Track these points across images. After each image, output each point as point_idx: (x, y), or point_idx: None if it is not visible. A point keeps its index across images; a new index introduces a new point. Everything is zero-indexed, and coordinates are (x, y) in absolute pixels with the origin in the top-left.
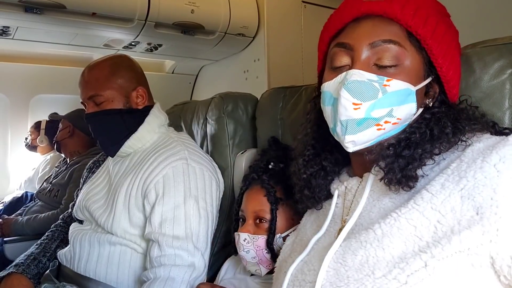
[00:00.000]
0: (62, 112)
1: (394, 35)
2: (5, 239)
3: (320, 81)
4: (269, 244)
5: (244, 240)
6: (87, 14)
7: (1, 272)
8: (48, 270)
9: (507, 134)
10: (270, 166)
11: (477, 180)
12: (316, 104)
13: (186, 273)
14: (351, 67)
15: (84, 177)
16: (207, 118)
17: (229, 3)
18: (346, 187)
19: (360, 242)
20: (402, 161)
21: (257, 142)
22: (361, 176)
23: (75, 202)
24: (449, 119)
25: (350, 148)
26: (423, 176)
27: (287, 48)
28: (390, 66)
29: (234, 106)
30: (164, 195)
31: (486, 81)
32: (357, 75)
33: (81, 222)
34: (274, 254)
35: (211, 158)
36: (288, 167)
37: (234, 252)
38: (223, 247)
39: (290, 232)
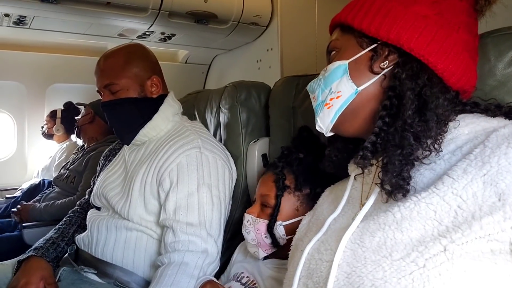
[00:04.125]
0: (77, 101)
1: (336, 35)
2: (23, 224)
3: None
4: (270, 228)
5: (247, 222)
6: (101, 4)
7: (21, 256)
8: (66, 254)
9: None
10: (291, 156)
11: (501, 166)
12: None
13: (200, 258)
14: None
15: (100, 164)
16: (220, 107)
17: None
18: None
19: (378, 224)
20: (389, 177)
21: (269, 131)
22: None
23: (92, 189)
24: (409, 121)
25: (324, 133)
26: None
27: (300, 37)
28: (332, 56)
29: (247, 94)
30: (178, 182)
31: (500, 69)
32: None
33: (98, 208)
34: (274, 240)
35: (224, 146)
36: (310, 156)
37: None
38: (236, 234)
39: (292, 222)
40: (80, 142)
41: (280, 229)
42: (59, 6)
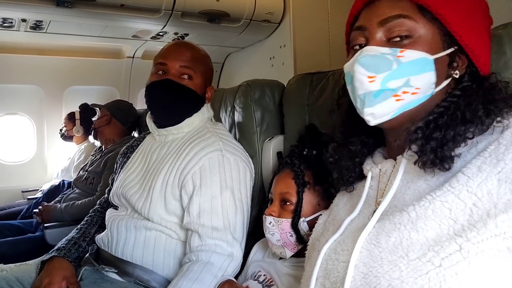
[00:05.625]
0: (94, 103)
1: (403, 9)
2: (45, 225)
3: None
4: (294, 225)
5: (270, 223)
6: (115, 6)
7: (44, 256)
8: (87, 254)
9: None
10: (304, 153)
11: None
12: (345, 90)
13: (225, 261)
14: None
15: (119, 162)
16: (234, 106)
17: None
18: (380, 169)
19: (394, 224)
20: (434, 143)
21: (284, 129)
22: (395, 159)
23: (111, 187)
24: (480, 101)
25: (371, 121)
26: (458, 156)
27: (313, 33)
28: (402, 39)
29: (261, 93)
30: (201, 186)
31: None
32: (369, 50)
33: (116, 207)
34: (299, 236)
35: (242, 147)
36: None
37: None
38: (252, 232)
39: (315, 217)
40: (98, 143)
41: (304, 226)
42: (74, 10)
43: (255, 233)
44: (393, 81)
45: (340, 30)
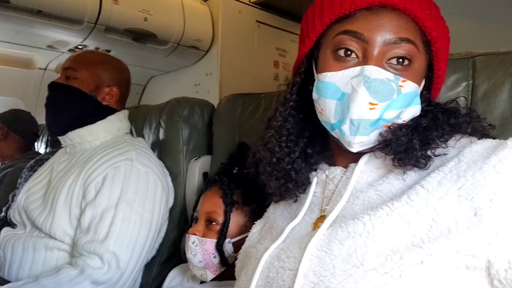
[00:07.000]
0: None
1: (411, 33)
2: None
3: (307, 64)
4: (219, 247)
5: (193, 243)
6: (32, 11)
7: None
8: None
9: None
10: (234, 171)
11: (476, 180)
12: (294, 89)
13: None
14: (362, 61)
15: (24, 176)
16: (160, 123)
17: (184, 15)
18: (327, 176)
19: (347, 232)
20: (421, 139)
21: (212, 149)
22: (345, 167)
23: (9, 205)
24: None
25: (356, 148)
26: (438, 156)
27: (239, 64)
28: (403, 66)
29: (190, 111)
30: (97, 196)
31: (443, 92)
32: (376, 72)
33: (14, 226)
34: (223, 258)
35: (162, 164)
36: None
37: (184, 255)
38: (171, 257)
39: (240, 239)
40: None
41: (229, 247)
42: None
43: (172, 258)
44: (389, 112)
45: (265, 63)
